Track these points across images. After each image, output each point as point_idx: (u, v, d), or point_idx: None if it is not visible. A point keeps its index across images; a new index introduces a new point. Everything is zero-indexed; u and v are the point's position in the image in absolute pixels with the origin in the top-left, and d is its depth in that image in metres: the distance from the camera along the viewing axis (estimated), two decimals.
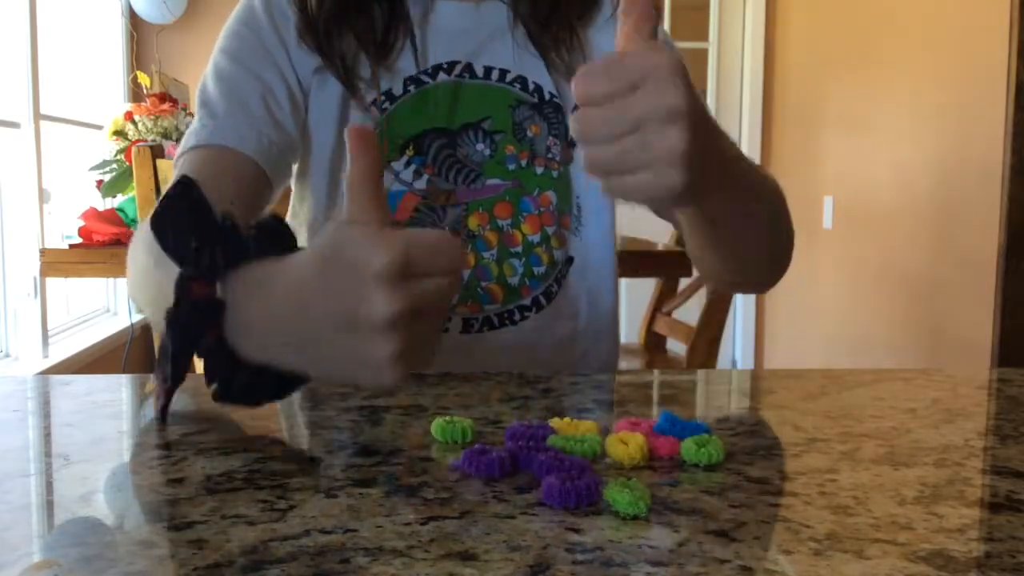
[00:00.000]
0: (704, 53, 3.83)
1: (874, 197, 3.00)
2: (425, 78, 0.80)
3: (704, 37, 3.83)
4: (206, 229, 0.50)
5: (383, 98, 0.79)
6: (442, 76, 0.80)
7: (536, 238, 0.81)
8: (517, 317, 0.81)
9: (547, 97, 0.82)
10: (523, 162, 0.81)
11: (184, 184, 0.51)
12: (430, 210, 0.79)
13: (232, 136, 0.74)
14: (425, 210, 0.79)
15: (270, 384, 0.51)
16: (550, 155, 0.82)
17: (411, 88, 0.80)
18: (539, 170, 0.81)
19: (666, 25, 3.76)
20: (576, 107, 0.48)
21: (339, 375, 0.47)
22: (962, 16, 2.52)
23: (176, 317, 0.49)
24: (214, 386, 0.51)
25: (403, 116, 0.79)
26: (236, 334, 0.49)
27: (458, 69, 0.81)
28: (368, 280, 0.42)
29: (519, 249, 0.81)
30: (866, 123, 3.07)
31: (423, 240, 0.44)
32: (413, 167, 0.79)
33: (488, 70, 0.81)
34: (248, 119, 0.76)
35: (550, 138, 0.82)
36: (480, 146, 0.80)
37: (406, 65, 0.80)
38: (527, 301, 0.81)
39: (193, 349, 0.50)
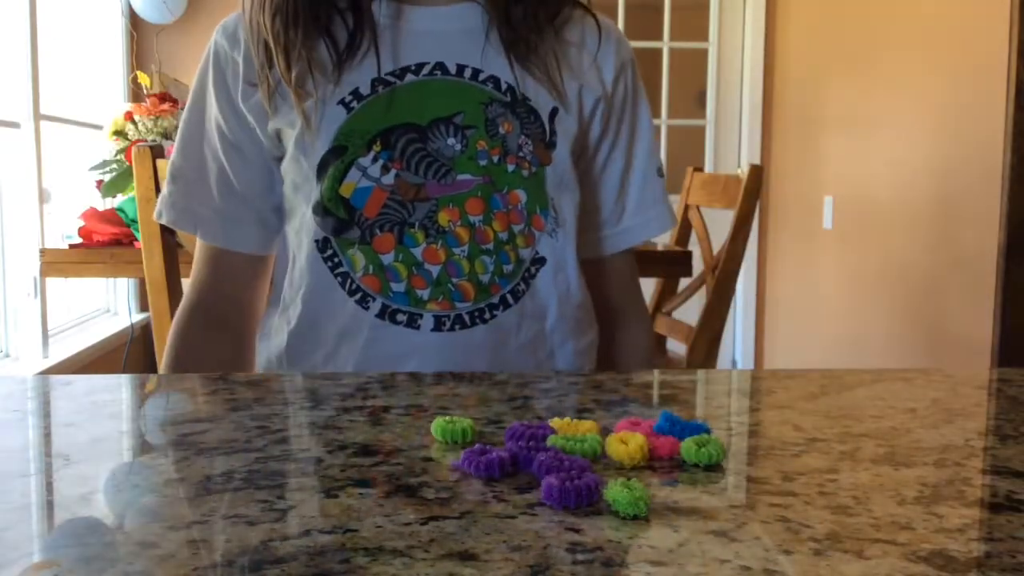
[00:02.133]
0: (704, 53, 3.83)
1: (874, 197, 3.00)
2: (392, 79, 0.80)
3: (704, 37, 3.84)
4: None
5: (350, 97, 0.79)
6: (410, 77, 0.80)
7: (504, 235, 0.81)
8: (487, 316, 0.80)
9: (519, 97, 0.81)
10: (495, 158, 0.80)
11: None
12: (400, 205, 0.79)
13: (183, 223, 0.88)
14: (394, 205, 0.79)
15: None
16: (521, 154, 0.81)
17: (379, 88, 0.80)
18: (511, 167, 0.80)
19: (666, 25, 3.76)
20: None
21: None
22: (962, 16, 2.52)
23: None
24: None
25: (370, 113, 0.79)
26: None
27: (428, 68, 0.80)
28: None
29: (490, 246, 0.80)
30: (866, 123, 3.07)
31: None
32: (380, 162, 0.78)
33: (460, 68, 0.81)
34: (190, 202, 0.87)
35: (522, 136, 0.81)
36: (451, 140, 0.79)
37: (371, 67, 0.80)
38: (496, 299, 0.81)
39: None
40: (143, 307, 3.24)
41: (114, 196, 2.21)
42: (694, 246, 2.12)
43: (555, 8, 0.84)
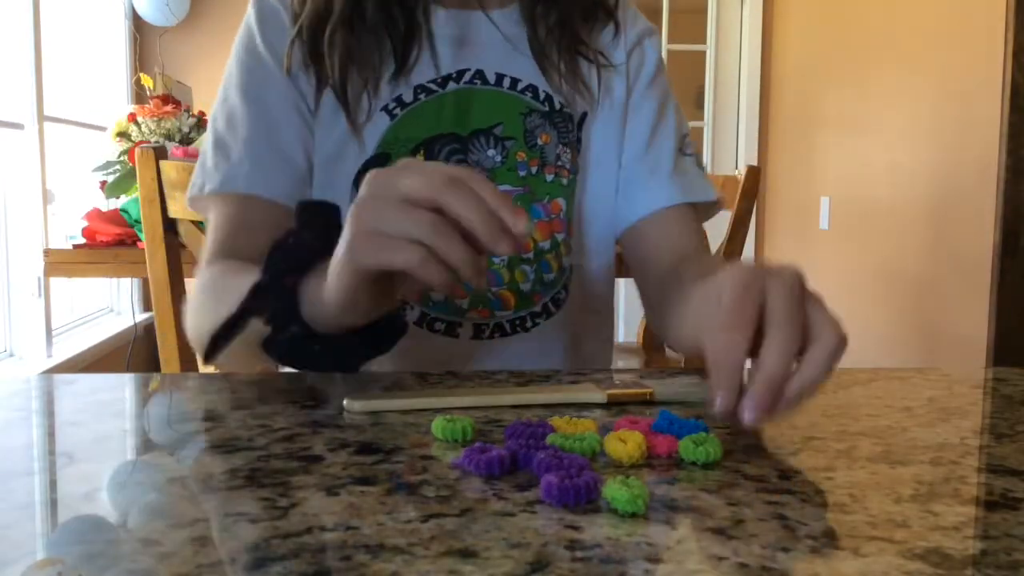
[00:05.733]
0: (702, 55, 3.84)
1: (870, 197, 3.00)
2: (434, 87, 0.80)
3: (702, 39, 3.84)
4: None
5: (393, 104, 0.79)
6: (451, 85, 0.80)
7: (546, 244, 0.81)
8: (529, 324, 0.81)
9: (557, 106, 0.82)
10: (533, 169, 0.81)
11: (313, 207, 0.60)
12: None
13: (258, 182, 0.76)
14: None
15: (316, 350, 0.58)
16: (559, 163, 0.82)
17: (421, 96, 0.80)
18: (549, 177, 0.81)
19: (664, 28, 3.76)
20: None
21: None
22: (958, 18, 2.52)
23: (283, 245, 0.57)
24: (267, 333, 0.58)
25: (414, 121, 0.79)
26: (308, 292, 0.56)
27: (468, 76, 0.81)
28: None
29: (530, 255, 0.81)
30: (862, 124, 3.07)
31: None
32: None
33: (500, 77, 0.81)
34: (272, 160, 0.77)
35: (560, 146, 0.82)
36: (491, 152, 0.80)
37: (416, 74, 0.80)
38: (538, 308, 0.81)
39: (280, 281, 0.57)
40: (147, 307, 3.25)
41: (117, 197, 2.21)
42: None
43: (587, 14, 0.84)
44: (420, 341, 0.80)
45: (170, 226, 1.46)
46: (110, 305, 3.38)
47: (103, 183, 2.25)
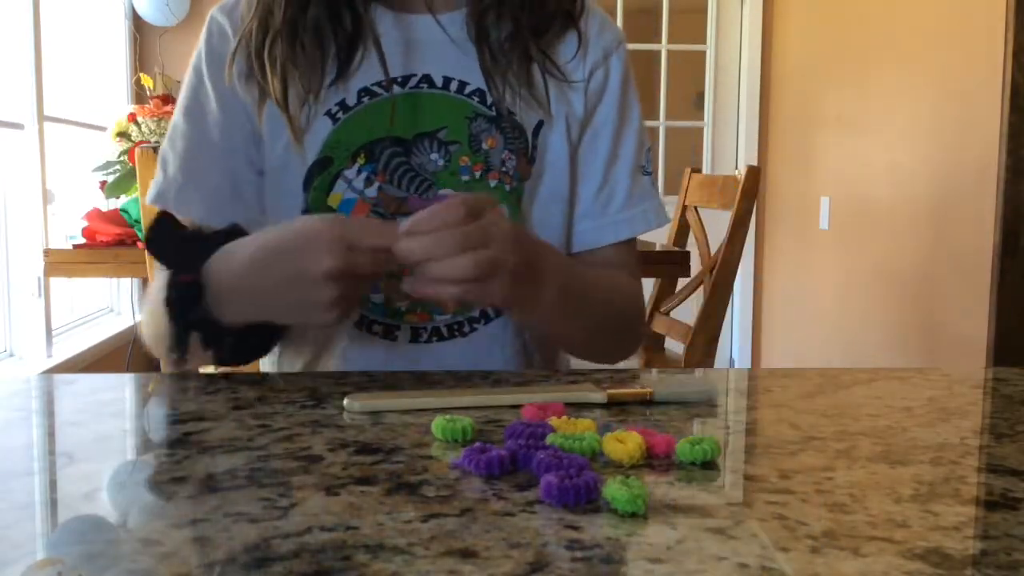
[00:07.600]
0: (702, 55, 3.84)
1: (870, 197, 3.00)
2: (379, 90, 0.79)
3: (702, 40, 3.84)
4: (184, 241, 0.71)
5: (336, 108, 0.79)
6: (396, 89, 0.80)
7: None
8: (467, 329, 0.81)
9: (504, 112, 0.81)
10: (477, 174, 0.80)
11: (163, 216, 0.74)
12: (382, 219, 0.78)
13: (185, 201, 0.81)
14: (376, 218, 0.79)
15: (252, 343, 0.71)
16: (504, 169, 0.81)
17: (365, 99, 0.79)
18: (492, 183, 0.80)
19: (664, 27, 3.77)
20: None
21: (290, 317, 0.68)
22: (958, 18, 2.52)
23: (171, 299, 0.68)
24: (211, 352, 0.69)
25: (356, 125, 0.79)
26: (216, 305, 0.67)
27: (414, 81, 0.80)
28: (318, 246, 0.62)
29: None
30: (862, 124, 3.07)
31: (361, 223, 0.64)
32: (364, 175, 0.79)
33: (447, 81, 0.80)
34: (204, 179, 0.81)
35: (505, 152, 0.80)
36: (434, 156, 0.79)
37: (360, 78, 0.79)
38: (476, 312, 0.81)
39: (188, 322, 0.68)
40: None
41: (117, 197, 2.21)
42: (692, 246, 2.13)
43: (544, 24, 0.82)
44: (359, 343, 0.80)
45: None
46: (110, 305, 3.38)
47: (103, 183, 2.25)
